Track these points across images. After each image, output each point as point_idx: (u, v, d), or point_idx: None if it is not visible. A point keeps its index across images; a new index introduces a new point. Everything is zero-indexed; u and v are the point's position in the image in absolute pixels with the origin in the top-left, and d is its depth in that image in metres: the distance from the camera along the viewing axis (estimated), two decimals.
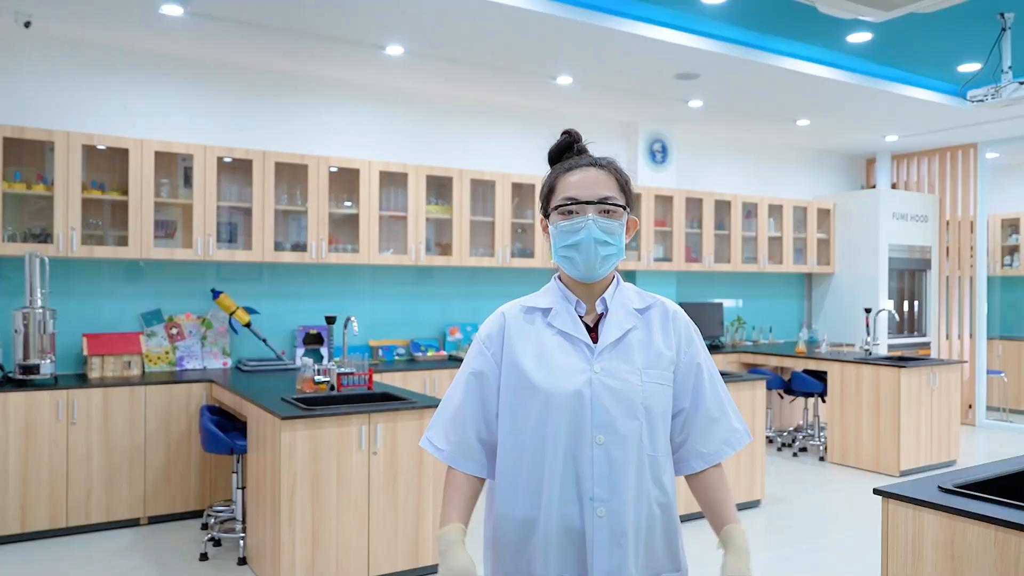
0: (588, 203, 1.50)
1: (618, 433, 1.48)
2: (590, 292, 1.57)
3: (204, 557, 3.94)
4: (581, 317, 1.56)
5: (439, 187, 5.83)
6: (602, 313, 1.56)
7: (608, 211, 1.51)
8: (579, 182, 1.52)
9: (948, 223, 8.20)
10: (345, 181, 5.48)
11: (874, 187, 8.46)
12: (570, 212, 1.51)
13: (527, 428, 1.51)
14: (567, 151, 1.60)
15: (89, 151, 4.72)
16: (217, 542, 4.13)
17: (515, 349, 1.54)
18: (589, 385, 1.49)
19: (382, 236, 5.57)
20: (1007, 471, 2.31)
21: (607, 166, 1.55)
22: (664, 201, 6.90)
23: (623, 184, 1.56)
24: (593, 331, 1.56)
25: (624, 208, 1.54)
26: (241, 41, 4.81)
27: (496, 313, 1.62)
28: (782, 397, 7.09)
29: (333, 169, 5.40)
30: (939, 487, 2.12)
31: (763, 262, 7.43)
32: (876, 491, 2.16)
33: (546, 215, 1.57)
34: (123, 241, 4.73)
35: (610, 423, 1.48)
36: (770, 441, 6.87)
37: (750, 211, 7.48)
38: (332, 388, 4.05)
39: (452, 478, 1.55)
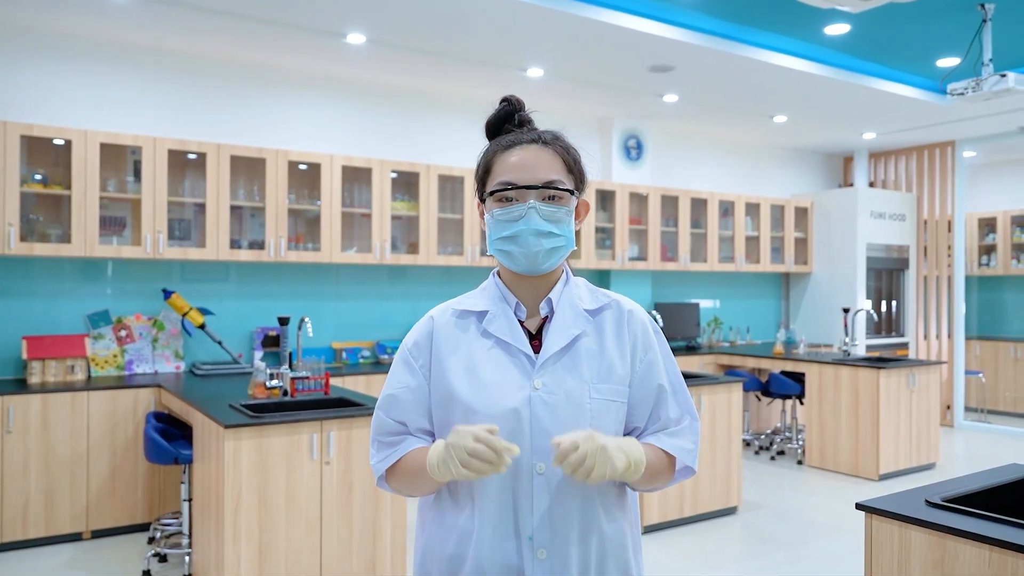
0: (529, 188, 1.27)
1: None
2: (534, 291, 1.35)
3: (147, 574, 3.69)
4: (522, 322, 1.34)
5: (406, 183, 5.61)
6: (547, 317, 1.34)
7: (553, 196, 1.29)
8: (519, 163, 1.29)
9: (926, 222, 8.12)
10: (305, 176, 5.24)
11: (852, 185, 8.36)
12: (508, 198, 1.29)
13: None
14: (507, 122, 1.37)
15: (29, 142, 4.45)
16: (163, 558, 3.88)
17: (444, 360, 1.32)
18: (528, 403, 1.26)
19: (345, 234, 5.34)
20: (998, 482, 2.14)
21: (552, 142, 1.33)
22: (639, 199, 6.73)
23: (571, 163, 1.34)
24: (536, 338, 1.33)
25: (572, 192, 1.32)
26: (192, 27, 4.56)
27: (425, 317, 1.40)
28: (759, 399, 6.95)
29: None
30: (926, 501, 1.95)
31: (740, 261, 7.28)
32: (859, 506, 1.99)
33: (482, 199, 1.35)
34: (66, 238, 4.46)
35: (552, 448, 1.25)
36: (747, 444, 6.71)
37: (727, 209, 7.33)
38: (285, 393, 3.82)
39: (410, 459, 1.30)
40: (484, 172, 1.35)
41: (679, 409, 1.37)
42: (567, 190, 1.30)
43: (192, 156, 4.84)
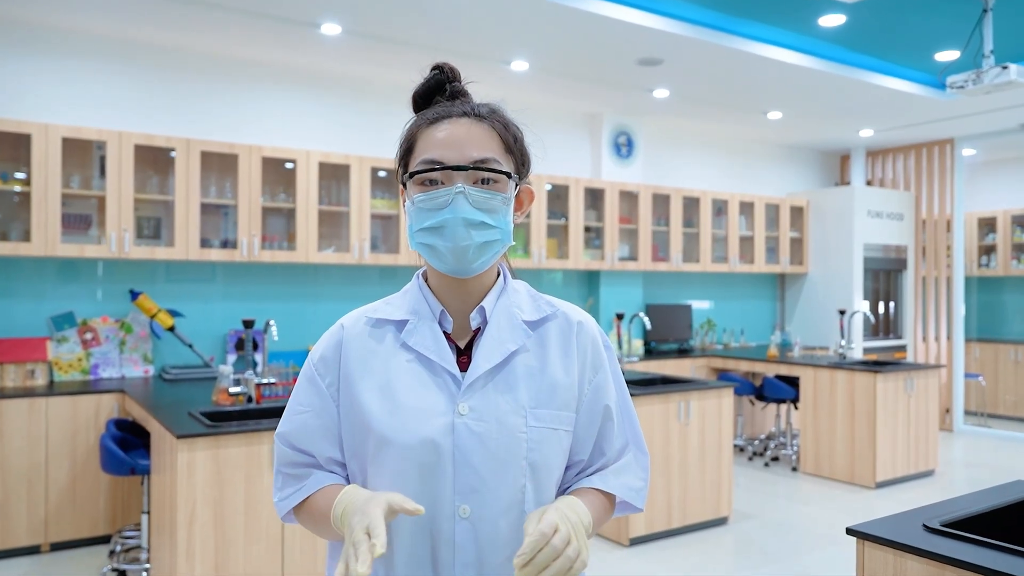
0: (457, 169, 1.07)
1: (491, 502, 1.06)
2: (464, 296, 1.14)
3: None
4: (448, 334, 1.14)
5: (385, 181, 5.42)
6: (479, 328, 1.14)
7: (487, 180, 1.09)
8: (447, 139, 1.09)
9: (924, 222, 7.93)
10: (280, 173, 5.05)
11: (848, 184, 8.17)
12: (433, 181, 1.08)
13: (368, 487, 1.10)
14: (437, 93, 1.17)
15: None
16: (122, 573, 3.69)
17: (354, 378, 1.12)
18: (450, 432, 1.06)
19: (322, 233, 5.15)
20: (1003, 502, 1.95)
21: (488, 116, 1.12)
22: (630, 197, 6.54)
23: (509, 141, 1.13)
24: (466, 353, 1.13)
25: (510, 176, 1.11)
26: (160, 17, 4.37)
27: (335, 327, 1.20)
28: (753, 403, 6.76)
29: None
30: (924, 526, 1.76)
31: (734, 262, 7.09)
32: (850, 531, 1.80)
33: (404, 183, 1.14)
34: (26, 236, 4.27)
35: (479, 487, 1.06)
36: (741, 450, 6.53)
37: (720, 208, 7.14)
38: (250, 400, 3.63)
39: (317, 501, 1.11)
40: (406, 151, 1.14)
41: (623, 438, 1.19)
42: (503, 172, 1.09)
43: (160, 151, 4.65)
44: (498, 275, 1.18)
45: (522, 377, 1.10)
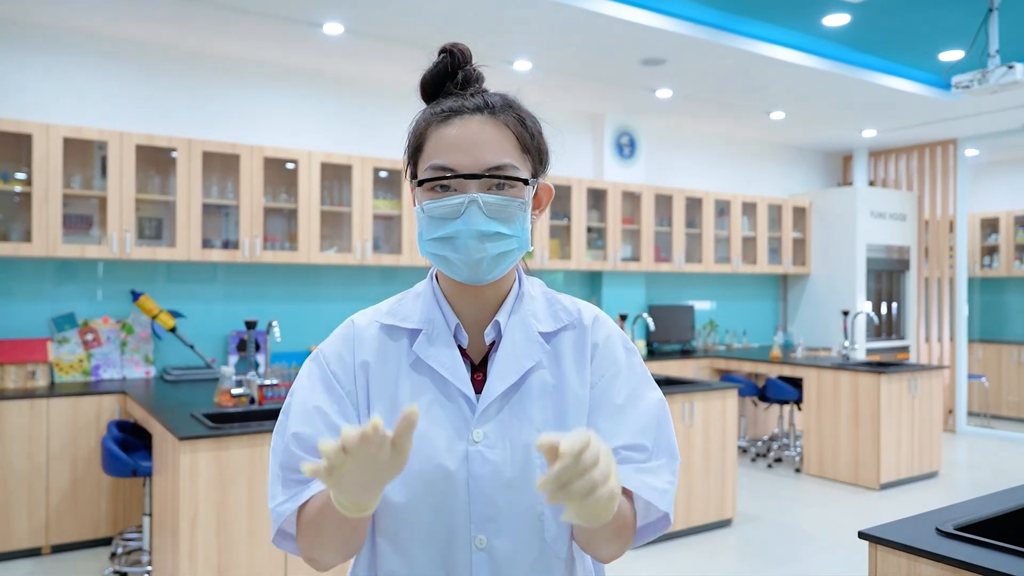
0: (469, 177, 0.97)
1: (509, 531, 1.00)
2: (478, 305, 1.07)
3: None
4: (463, 349, 1.06)
5: (388, 181, 5.40)
6: (494, 342, 1.07)
7: (502, 184, 0.99)
8: (458, 140, 0.98)
9: (927, 222, 7.91)
10: (282, 173, 5.03)
11: (851, 184, 8.15)
12: (444, 186, 0.99)
13: (378, 516, 1.03)
14: (448, 80, 1.05)
15: None
16: (123, 575, 3.67)
17: (366, 390, 1.05)
18: (464, 461, 1.00)
19: (324, 233, 5.13)
20: (1014, 506, 1.93)
21: (502, 111, 1.01)
22: (632, 198, 6.52)
23: (526, 139, 1.02)
24: (480, 370, 1.06)
25: (526, 181, 1.01)
26: (161, 16, 4.35)
27: (345, 325, 1.11)
28: (756, 405, 6.74)
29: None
30: (937, 529, 1.74)
31: (736, 262, 7.07)
32: (862, 535, 1.78)
33: (415, 183, 1.05)
34: (27, 237, 4.25)
35: (496, 517, 1.00)
36: (744, 451, 6.51)
37: (723, 209, 7.12)
38: (252, 401, 3.60)
39: (319, 496, 0.98)
40: (415, 149, 1.04)
41: (652, 441, 1.05)
42: (520, 179, 1.00)
43: (162, 151, 4.63)
44: (513, 281, 1.10)
45: (537, 397, 1.04)
